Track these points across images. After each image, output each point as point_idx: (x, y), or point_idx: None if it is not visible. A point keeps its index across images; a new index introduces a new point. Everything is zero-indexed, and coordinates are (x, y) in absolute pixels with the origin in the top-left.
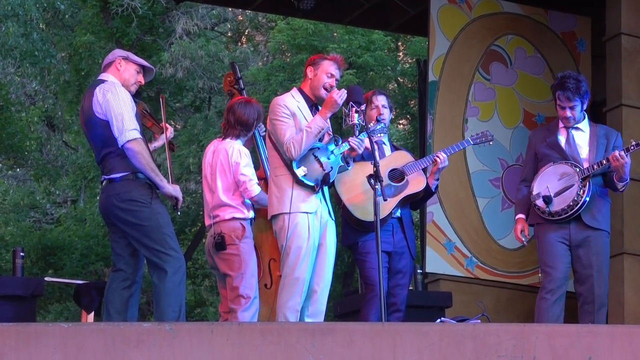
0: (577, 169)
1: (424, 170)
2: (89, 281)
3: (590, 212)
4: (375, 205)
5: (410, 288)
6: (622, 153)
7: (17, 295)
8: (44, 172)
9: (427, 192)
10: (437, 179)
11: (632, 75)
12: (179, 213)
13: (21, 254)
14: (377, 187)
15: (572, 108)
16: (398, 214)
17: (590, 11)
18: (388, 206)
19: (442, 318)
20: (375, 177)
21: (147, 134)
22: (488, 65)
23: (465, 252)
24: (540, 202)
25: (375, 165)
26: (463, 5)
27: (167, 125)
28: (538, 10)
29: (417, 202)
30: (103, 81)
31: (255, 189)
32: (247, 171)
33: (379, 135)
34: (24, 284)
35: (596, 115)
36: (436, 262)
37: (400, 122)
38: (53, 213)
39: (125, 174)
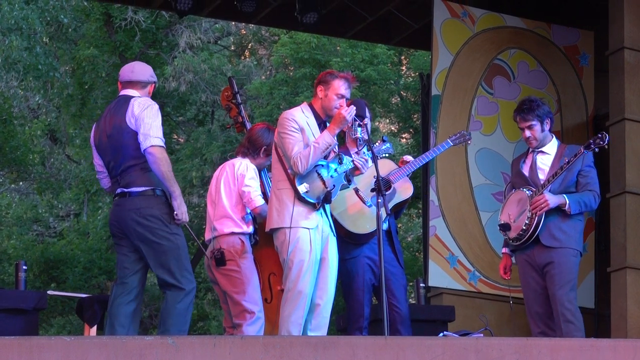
0: (530, 193)
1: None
2: (91, 295)
3: (549, 233)
4: (378, 219)
5: (413, 302)
6: (537, 198)
7: (20, 309)
8: (46, 186)
9: None
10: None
11: (635, 89)
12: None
13: (24, 267)
14: (380, 200)
15: (529, 128)
16: (386, 226)
17: (593, 25)
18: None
19: (445, 332)
20: (377, 191)
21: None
22: (491, 79)
23: (468, 266)
24: (501, 231)
25: (378, 179)
26: (466, 19)
27: None
28: (541, 24)
29: (399, 211)
30: (138, 97)
31: (258, 200)
32: (252, 183)
33: (383, 155)
34: (26, 297)
35: (599, 129)
36: (439, 276)
37: (403, 135)
38: (56, 226)
39: (144, 189)
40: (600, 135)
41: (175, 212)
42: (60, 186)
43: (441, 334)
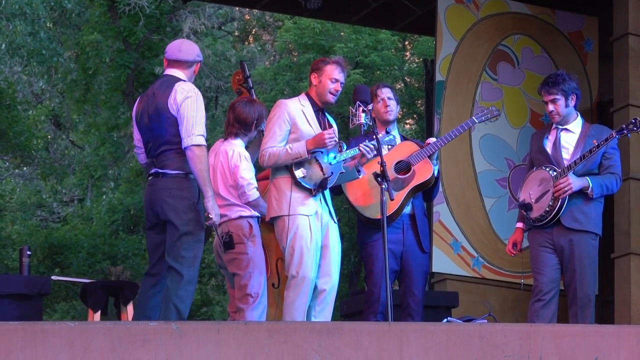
0: (554, 174)
1: (430, 157)
2: (95, 280)
3: (571, 215)
4: (382, 204)
5: None
6: (561, 182)
7: (24, 294)
8: (50, 171)
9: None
10: (436, 163)
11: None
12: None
13: (28, 252)
14: (384, 186)
15: (553, 102)
16: (409, 210)
17: (598, 11)
18: (396, 201)
19: (449, 318)
20: (382, 176)
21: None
22: (495, 65)
23: (472, 252)
24: (522, 210)
25: (382, 164)
26: (470, 5)
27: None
28: (545, 10)
29: (429, 191)
30: (181, 80)
31: (252, 194)
32: (246, 175)
33: (385, 146)
34: (30, 282)
35: (603, 116)
36: (443, 262)
37: (407, 121)
38: (60, 212)
39: (179, 172)
40: (633, 121)
41: (206, 213)
42: (64, 171)
43: (445, 320)
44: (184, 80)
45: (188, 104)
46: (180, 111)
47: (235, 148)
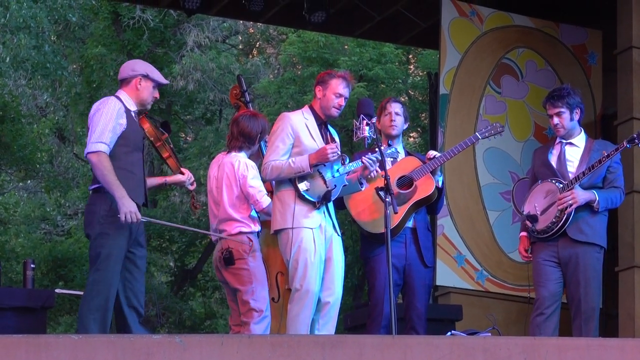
0: (560, 186)
1: (433, 171)
2: None
3: (577, 227)
4: (386, 218)
5: None
6: (564, 195)
7: (28, 307)
8: (54, 184)
9: (439, 191)
10: (440, 175)
11: None
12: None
13: (32, 265)
14: (387, 200)
15: (558, 115)
16: (411, 224)
17: (602, 24)
18: (397, 216)
19: (453, 331)
20: (385, 189)
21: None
22: (499, 78)
23: (476, 265)
24: (527, 222)
25: (386, 178)
26: (474, 18)
27: (185, 170)
28: (549, 23)
29: (433, 205)
30: (110, 96)
31: (265, 200)
32: (255, 183)
33: (387, 159)
34: (34, 295)
35: (607, 129)
36: (447, 275)
37: (411, 134)
38: (64, 225)
39: (96, 185)
40: None
41: (118, 215)
42: (68, 184)
43: (449, 333)
44: (116, 97)
45: (96, 116)
46: (90, 124)
47: (241, 159)
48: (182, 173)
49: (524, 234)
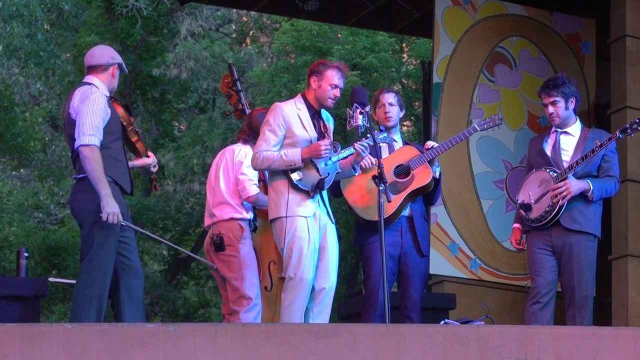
0: (554, 175)
1: (430, 162)
2: None
3: (570, 216)
4: (380, 206)
5: None
6: (558, 185)
7: (21, 296)
8: (48, 173)
9: (435, 182)
10: (437, 165)
11: (637, 78)
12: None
13: (25, 254)
14: (381, 188)
15: (553, 104)
16: (407, 212)
17: (595, 13)
18: (393, 204)
19: (446, 320)
20: (379, 178)
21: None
22: (492, 67)
23: (469, 254)
24: (521, 210)
25: (379, 166)
26: (467, 7)
27: (150, 154)
28: (542, 12)
29: (430, 195)
30: (88, 84)
31: (251, 189)
32: (248, 171)
33: (380, 143)
34: (27, 284)
35: (601, 118)
36: (440, 263)
37: (405, 123)
38: (57, 213)
39: (82, 175)
40: (637, 120)
41: (100, 213)
42: (62, 173)
43: (442, 322)
44: (90, 84)
45: (83, 106)
46: (77, 115)
47: (243, 148)
48: (148, 156)
49: (516, 225)
